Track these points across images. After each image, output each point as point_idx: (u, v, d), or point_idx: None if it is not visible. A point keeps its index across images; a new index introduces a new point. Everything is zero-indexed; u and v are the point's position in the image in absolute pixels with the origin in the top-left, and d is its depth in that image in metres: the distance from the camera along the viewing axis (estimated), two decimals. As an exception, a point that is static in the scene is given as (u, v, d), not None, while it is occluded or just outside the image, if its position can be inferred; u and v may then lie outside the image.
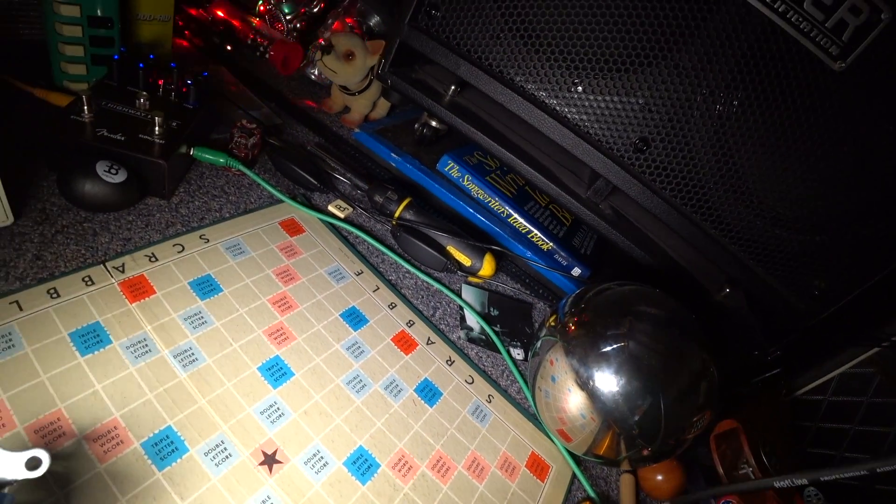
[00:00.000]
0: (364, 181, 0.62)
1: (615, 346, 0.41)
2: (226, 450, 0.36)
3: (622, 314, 0.43)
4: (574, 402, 0.43)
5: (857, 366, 0.55)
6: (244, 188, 0.57)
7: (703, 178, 0.48)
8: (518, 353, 0.57)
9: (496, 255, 0.62)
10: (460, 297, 0.59)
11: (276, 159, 0.60)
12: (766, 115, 0.44)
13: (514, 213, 0.66)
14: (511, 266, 0.68)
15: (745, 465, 0.47)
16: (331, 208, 0.61)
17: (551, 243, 0.66)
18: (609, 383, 0.41)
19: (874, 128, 0.44)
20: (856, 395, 0.55)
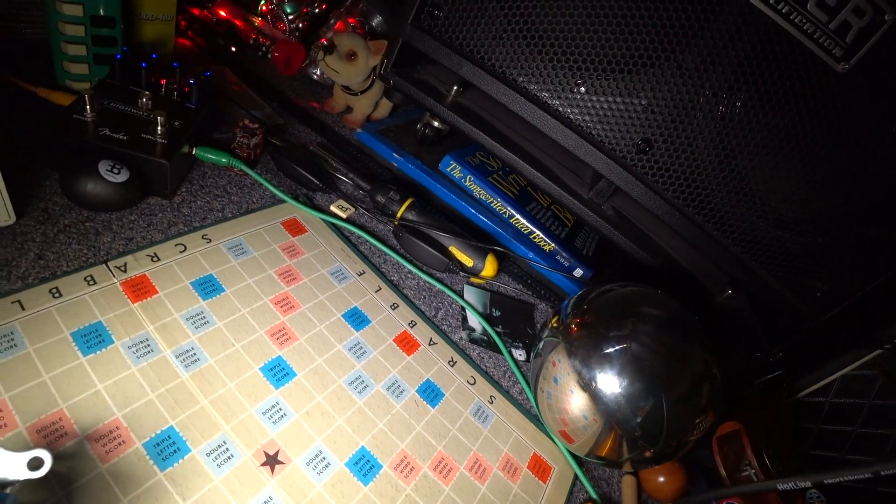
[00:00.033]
0: (366, 181, 0.62)
1: (618, 347, 0.41)
2: (228, 450, 0.36)
3: (625, 315, 0.43)
4: (576, 404, 0.43)
5: (860, 368, 0.55)
6: (246, 188, 0.57)
7: (706, 180, 0.48)
8: (520, 353, 0.57)
9: (498, 255, 0.62)
10: (462, 297, 0.59)
11: (279, 159, 0.60)
12: (769, 117, 0.44)
13: (516, 214, 0.66)
14: (513, 267, 0.67)
15: (747, 466, 0.47)
16: (333, 208, 0.61)
17: (553, 244, 0.66)
18: (612, 384, 0.41)
19: (877, 129, 0.44)
20: (858, 397, 0.55)
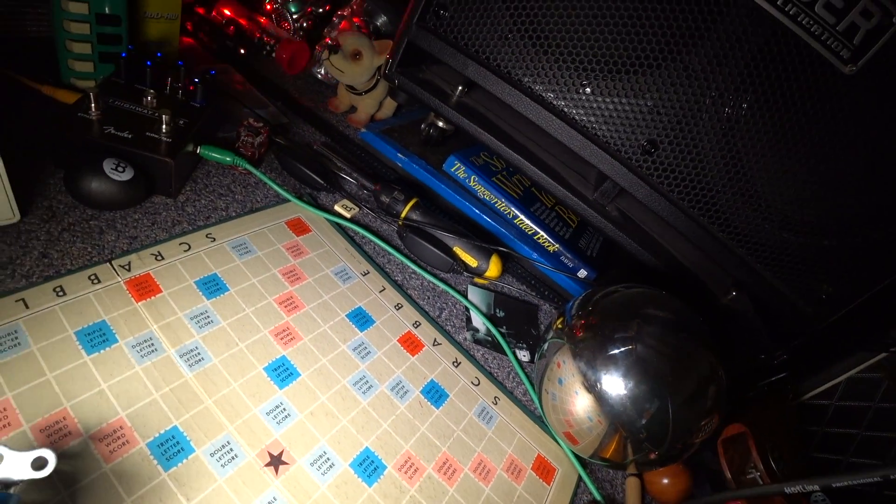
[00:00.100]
0: (370, 181, 0.62)
1: (623, 348, 0.41)
2: (232, 450, 0.36)
3: (630, 317, 0.43)
4: (581, 405, 0.42)
5: (865, 370, 0.55)
6: (250, 187, 0.57)
7: (712, 181, 0.48)
8: (524, 354, 0.57)
9: (502, 256, 0.61)
10: (466, 298, 0.59)
11: (283, 158, 0.60)
12: (775, 118, 0.44)
13: (521, 215, 0.66)
14: (517, 267, 0.67)
15: (752, 469, 0.47)
16: (337, 208, 0.60)
17: (557, 245, 0.66)
18: (617, 386, 0.40)
19: (885, 131, 0.44)
20: (863, 399, 0.55)
